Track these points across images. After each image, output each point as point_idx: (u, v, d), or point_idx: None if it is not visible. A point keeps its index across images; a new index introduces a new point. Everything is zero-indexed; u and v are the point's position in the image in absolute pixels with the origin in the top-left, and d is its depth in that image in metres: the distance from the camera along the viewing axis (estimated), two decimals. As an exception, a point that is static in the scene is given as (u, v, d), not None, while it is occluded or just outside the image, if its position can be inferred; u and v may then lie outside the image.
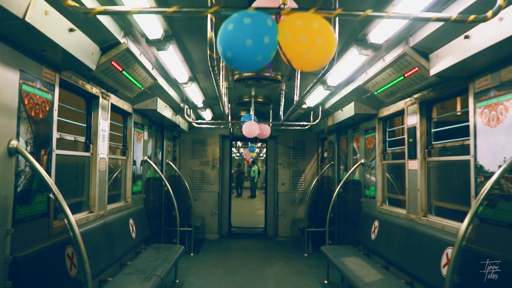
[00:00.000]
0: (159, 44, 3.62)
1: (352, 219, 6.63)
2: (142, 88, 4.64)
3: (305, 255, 7.72)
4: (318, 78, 2.92)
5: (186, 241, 7.80)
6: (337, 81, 5.02)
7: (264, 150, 21.93)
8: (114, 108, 4.84)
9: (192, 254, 7.57)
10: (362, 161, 6.19)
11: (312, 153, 9.47)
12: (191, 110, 7.23)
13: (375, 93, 4.70)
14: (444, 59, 3.27)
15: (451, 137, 3.98)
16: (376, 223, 5.37)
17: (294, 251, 8.18)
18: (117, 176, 5.35)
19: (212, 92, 6.00)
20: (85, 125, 4.22)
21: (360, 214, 6.16)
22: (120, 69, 3.82)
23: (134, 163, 5.60)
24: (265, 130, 6.52)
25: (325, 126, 7.34)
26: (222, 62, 4.25)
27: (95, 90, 4.12)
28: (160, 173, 6.36)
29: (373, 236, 5.36)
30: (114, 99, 4.67)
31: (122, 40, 3.45)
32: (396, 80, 4.13)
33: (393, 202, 5.45)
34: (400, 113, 5.00)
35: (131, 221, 5.19)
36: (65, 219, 2.75)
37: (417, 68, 3.65)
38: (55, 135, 3.28)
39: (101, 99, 4.28)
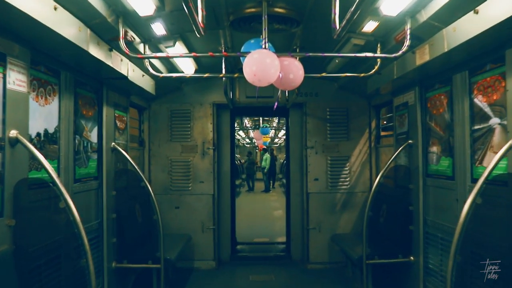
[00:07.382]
0: None
1: (489, 257, 3.10)
2: None
3: (364, 306, 4.30)
4: None
5: (154, 286, 4.44)
6: None
7: (281, 133, 17.88)
8: None
9: (162, 310, 4.22)
10: (521, 131, 2.67)
11: (362, 129, 5.91)
12: (147, 46, 3.76)
13: None
14: None
15: None
16: None
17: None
18: None
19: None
20: None
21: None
22: None
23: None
24: (292, 68, 2.98)
25: (409, 68, 3.78)
26: None
27: None
28: (44, 162, 2.44)
29: None
30: None
31: None
32: None
33: None
34: None
35: None
36: None
37: None
38: None
39: None
